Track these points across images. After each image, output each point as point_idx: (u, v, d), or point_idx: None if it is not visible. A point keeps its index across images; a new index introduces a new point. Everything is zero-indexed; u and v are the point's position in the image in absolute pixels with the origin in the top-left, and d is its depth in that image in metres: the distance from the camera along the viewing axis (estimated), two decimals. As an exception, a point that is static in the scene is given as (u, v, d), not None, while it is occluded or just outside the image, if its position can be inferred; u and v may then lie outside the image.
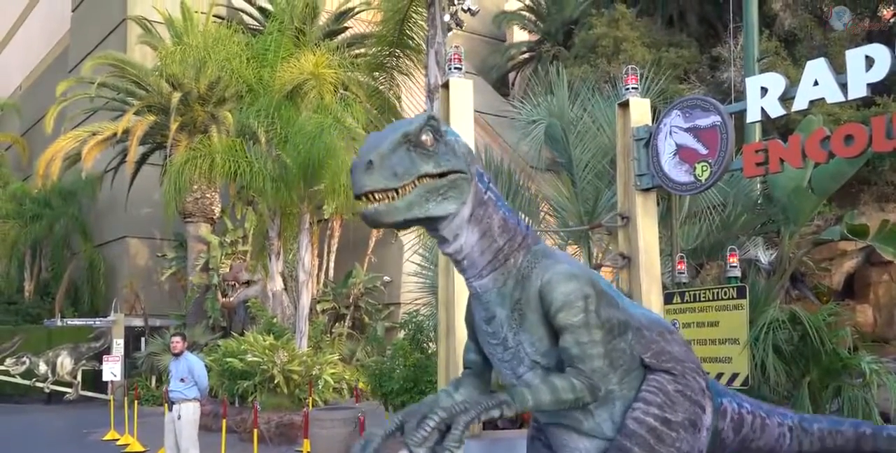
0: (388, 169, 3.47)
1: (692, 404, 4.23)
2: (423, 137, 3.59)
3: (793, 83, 6.94)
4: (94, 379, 24.11)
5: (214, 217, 26.20)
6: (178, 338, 10.79)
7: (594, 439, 4.14)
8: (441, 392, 4.40)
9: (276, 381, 15.89)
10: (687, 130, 7.53)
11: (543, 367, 4.00)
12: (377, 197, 3.50)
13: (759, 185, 11.95)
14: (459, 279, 6.93)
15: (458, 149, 3.73)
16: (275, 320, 19.35)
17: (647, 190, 7.94)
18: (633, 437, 4.02)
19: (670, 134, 7.67)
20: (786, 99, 6.96)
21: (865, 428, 5.37)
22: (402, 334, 12.13)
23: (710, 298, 7.83)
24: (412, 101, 28.62)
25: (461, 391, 4.35)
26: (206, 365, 11.27)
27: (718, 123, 7.26)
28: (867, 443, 5.32)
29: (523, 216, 12.52)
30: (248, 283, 23.40)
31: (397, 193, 3.52)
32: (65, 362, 24.06)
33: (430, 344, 10.87)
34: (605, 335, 3.95)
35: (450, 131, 3.76)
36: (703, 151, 7.38)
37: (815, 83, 6.71)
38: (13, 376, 23.96)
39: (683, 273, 8.75)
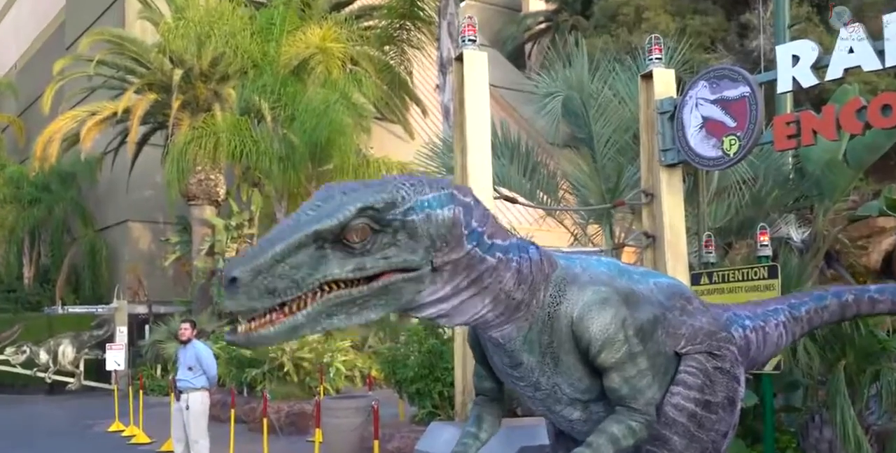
0: (259, 287, 2.92)
1: (730, 379, 4.19)
2: (351, 232, 3.04)
3: (826, 51, 6.86)
4: (97, 369, 24.29)
5: (219, 199, 26.24)
6: (187, 325, 10.81)
7: None
8: (467, 433, 4.28)
9: (285, 369, 15.97)
10: (714, 102, 7.49)
11: (584, 402, 3.94)
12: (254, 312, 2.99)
13: (790, 159, 11.86)
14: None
15: (423, 231, 3.17)
16: (284, 306, 19.41)
17: (673, 165, 7.90)
18: (674, 426, 3.97)
19: (696, 106, 7.63)
20: (819, 67, 6.89)
21: (848, 295, 5.44)
22: (416, 319, 12.14)
23: (740, 279, 7.79)
24: (424, 76, 28.54)
25: (485, 428, 4.30)
26: (213, 354, 11.33)
27: (747, 94, 7.21)
28: (850, 310, 5.42)
29: (541, 194, 12.52)
30: (255, 268, 23.42)
31: (283, 308, 3.01)
32: (66, 351, 24.25)
33: (446, 329, 10.87)
34: (646, 350, 3.85)
35: (422, 204, 3.19)
36: (732, 124, 7.34)
37: (851, 50, 6.63)
38: (13, 366, 24.15)
39: (711, 252, 8.70)
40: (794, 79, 6.97)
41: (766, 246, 8.08)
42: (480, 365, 4.28)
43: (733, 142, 7.30)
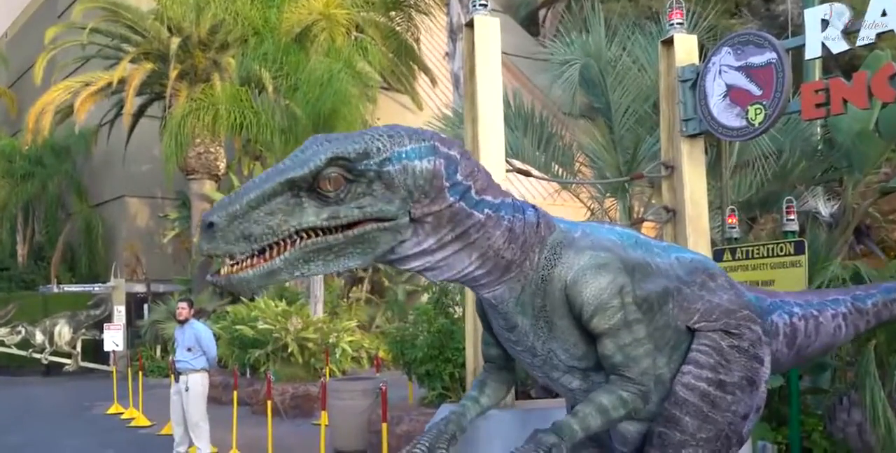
0: (235, 232, 3.15)
1: (749, 359, 4.16)
2: (325, 181, 3.20)
3: (857, 14, 6.77)
4: (94, 350, 24.46)
5: (219, 173, 26.23)
6: (184, 304, 10.86)
7: (644, 422, 4.09)
8: (468, 396, 4.35)
9: (289, 350, 16.03)
10: (738, 69, 7.42)
11: (582, 370, 3.95)
12: (231, 258, 3.22)
13: (819, 129, 11.78)
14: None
15: (400, 182, 3.28)
16: (287, 284, 19.47)
17: (694, 136, 7.85)
18: (684, 406, 3.96)
19: (720, 73, 7.56)
20: (849, 32, 6.81)
21: None
22: (425, 298, 12.15)
23: (765, 255, 7.75)
24: (432, 43, 28.40)
25: (487, 393, 4.36)
26: (214, 334, 11.36)
27: (774, 61, 7.13)
28: None
29: (556, 167, 12.47)
30: (257, 245, 23.47)
31: (263, 254, 3.21)
32: (63, 331, 24.40)
33: (456, 308, 10.86)
34: (646, 319, 3.86)
35: (399, 155, 3.30)
36: (757, 92, 7.27)
37: (884, 13, 6.55)
38: (8, 346, 24.35)
39: (735, 227, 8.67)
40: (823, 44, 6.89)
41: (793, 220, 8.03)
42: (487, 332, 4.33)
43: (759, 111, 7.23)
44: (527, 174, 8.27)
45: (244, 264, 3.22)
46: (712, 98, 7.56)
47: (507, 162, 7.47)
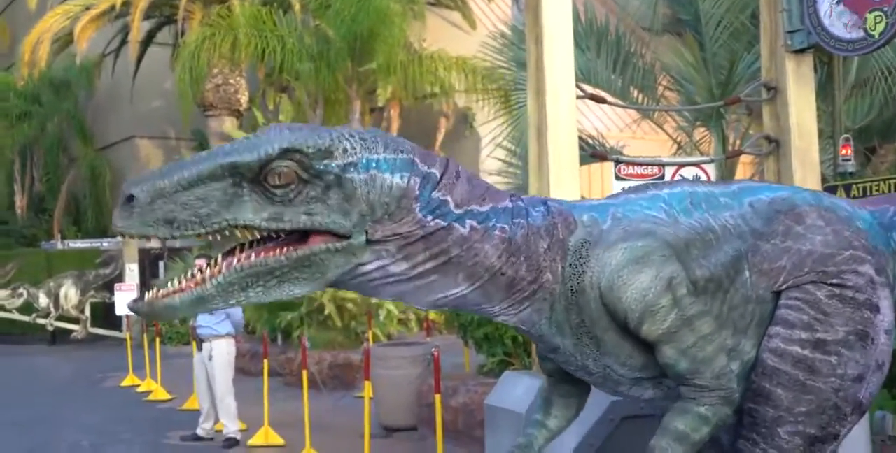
0: (157, 213, 3.11)
1: (856, 308, 3.86)
2: (273, 175, 3.15)
3: None
4: (105, 314, 24.88)
5: (241, 108, 26.35)
6: (201, 261, 10.85)
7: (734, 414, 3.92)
8: (532, 422, 4.26)
9: (326, 312, 16.15)
10: (855, -32, 7.25)
11: (649, 379, 3.81)
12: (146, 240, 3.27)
13: (952, 41, 11.52)
14: (557, 174, 6.82)
15: (362, 194, 3.22)
16: (324, 235, 19.59)
17: (801, 51, 7.70)
18: (775, 376, 3.76)
19: (832, -26, 7.40)
20: None
21: None
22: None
23: (886, 192, 7.62)
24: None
25: (554, 414, 4.24)
26: (239, 294, 11.48)
27: (899, -44, 6.95)
28: None
29: (635, 92, 12.32)
30: (286, 190, 23.67)
31: (193, 277, 3.21)
32: (69, 293, 24.79)
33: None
34: (715, 302, 3.72)
35: (369, 163, 3.24)
36: (878, -4, 7.11)
37: None
38: (9, 311, 24.80)
39: (850, 160, 8.55)
40: (960, -67, 6.69)
41: (921, 150, 7.88)
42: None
43: (879, 19, 7.06)
44: (600, 101, 8.18)
45: (172, 289, 3.20)
46: (823, 4, 7.41)
47: (578, 87, 7.37)
